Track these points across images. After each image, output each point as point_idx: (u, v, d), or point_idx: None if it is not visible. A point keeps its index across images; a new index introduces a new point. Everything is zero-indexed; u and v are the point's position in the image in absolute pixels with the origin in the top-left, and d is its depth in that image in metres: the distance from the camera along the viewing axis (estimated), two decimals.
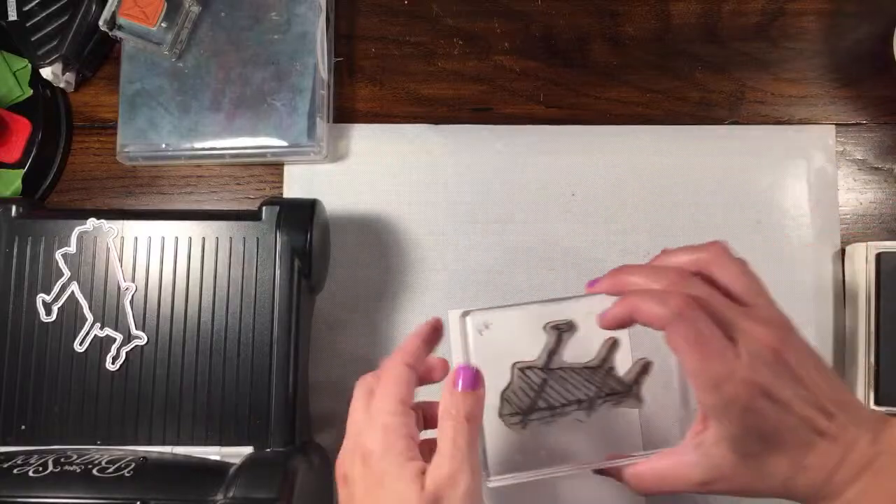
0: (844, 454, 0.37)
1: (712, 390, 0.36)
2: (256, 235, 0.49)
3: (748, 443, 0.37)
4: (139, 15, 0.55)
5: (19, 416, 0.47)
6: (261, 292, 0.48)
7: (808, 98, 0.59)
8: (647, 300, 0.37)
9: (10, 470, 0.43)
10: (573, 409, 0.43)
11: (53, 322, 0.48)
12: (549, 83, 0.59)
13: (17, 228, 0.49)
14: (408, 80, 0.59)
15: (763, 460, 0.37)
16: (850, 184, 0.58)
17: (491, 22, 0.60)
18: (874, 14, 0.59)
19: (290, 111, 0.56)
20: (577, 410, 0.43)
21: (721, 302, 0.38)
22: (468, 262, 0.56)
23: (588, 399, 0.43)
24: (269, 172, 0.58)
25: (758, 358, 0.36)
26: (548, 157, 0.58)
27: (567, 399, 0.43)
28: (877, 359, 0.52)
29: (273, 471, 0.43)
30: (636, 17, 0.60)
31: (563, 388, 0.43)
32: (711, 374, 0.36)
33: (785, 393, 0.36)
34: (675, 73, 0.59)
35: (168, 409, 0.47)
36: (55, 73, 0.56)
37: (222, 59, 0.57)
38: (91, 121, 0.59)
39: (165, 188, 0.58)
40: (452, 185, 0.57)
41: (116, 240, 0.49)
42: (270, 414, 0.47)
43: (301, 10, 0.57)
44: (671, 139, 0.58)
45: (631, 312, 0.38)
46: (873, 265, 0.53)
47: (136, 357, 0.48)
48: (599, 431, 0.44)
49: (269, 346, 0.48)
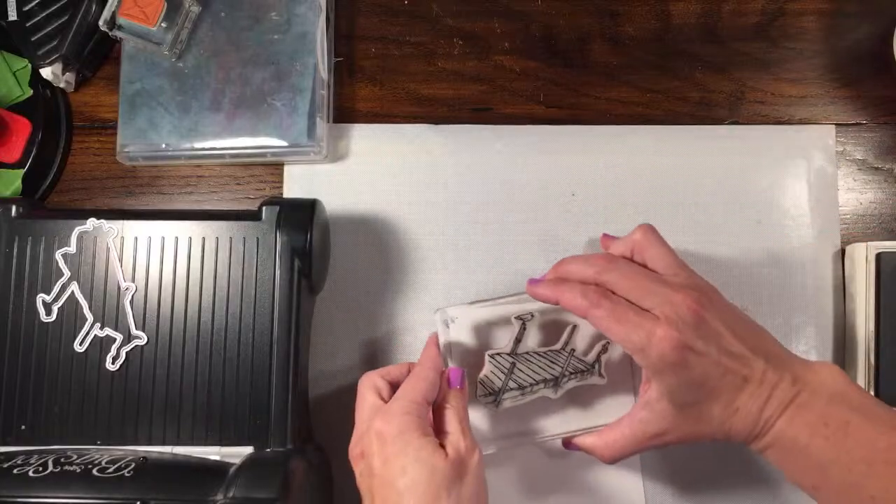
0: (770, 394, 0.42)
1: (641, 353, 0.42)
2: (256, 235, 0.49)
3: (684, 393, 0.43)
4: (139, 15, 0.55)
5: (19, 416, 0.47)
6: (261, 292, 0.48)
7: (808, 98, 0.59)
8: (569, 292, 0.45)
9: (10, 470, 0.43)
10: (541, 387, 0.49)
11: (53, 322, 0.48)
12: (549, 83, 0.59)
13: (17, 228, 0.49)
14: (408, 80, 0.59)
15: (700, 408, 0.43)
16: (850, 184, 0.58)
17: (491, 22, 0.60)
18: (874, 14, 0.59)
19: (290, 111, 0.56)
20: (545, 388, 0.49)
21: (644, 275, 0.45)
22: (468, 262, 0.56)
23: (554, 378, 0.49)
24: (269, 172, 0.58)
25: (678, 319, 0.42)
26: (548, 157, 0.58)
27: (535, 379, 0.49)
28: (877, 359, 0.52)
29: (273, 471, 0.43)
30: (636, 17, 0.60)
31: (530, 370, 0.49)
32: (636, 340, 0.42)
33: (708, 346, 0.42)
34: (675, 73, 0.59)
35: (168, 409, 0.47)
36: (55, 73, 0.56)
37: (222, 59, 0.57)
38: (91, 121, 0.59)
39: (165, 188, 0.58)
40: (452, 185, 0.57)
41: (116, 240, 0.49)
42: (270, 414, 0.47)
43: (301, 10, 0.57)
44: (671, 139, 0.58)
45: (556, 299, 0.46)
46: (873, 265, 0.53)
47: (136, 357, 0.48)
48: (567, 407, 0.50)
49: (269, 346, 0.48)
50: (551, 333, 0.51)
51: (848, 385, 0.43)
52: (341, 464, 0.47)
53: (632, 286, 0.44)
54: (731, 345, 0.43)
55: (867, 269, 0.53)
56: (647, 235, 0.47)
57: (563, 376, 0.49)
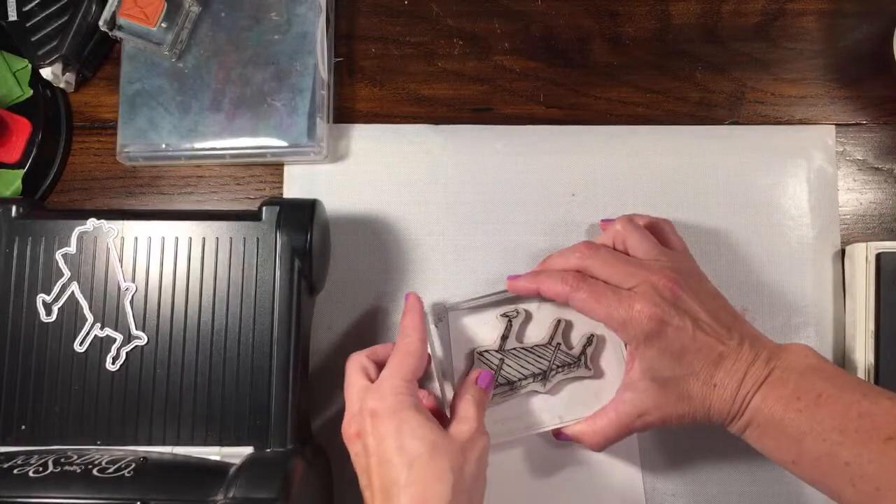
0: (746, 370, 0.44)
1: (622, 328, 0.45)
2: (256, 235, 0.49)
3: (663, 367, 0.45)
4: (139, 15, 0.55)
5: (19, 416, 0.47)
6: (261, 292, 0.48)
7: (808, 98, 0.59)
8: (548, 280, 0.48)
9: (10, 470, 0.43)
10: (529, 381, 0.51)
11: (53, 322, 0.48)
12: (549, 83, 0.59)
13: (17, 228, 0.49)
14: (408, 80, 0.59)
15: (678, 385, 0.45)
16: (850, 184, 0.58)
17: (491, 22, 0.60)
18: (874, 14, 0.59)
19: (290, 111, 0.56)
20: (534, 383, 0.51)
21: (623, 260, 0.47)
22: (468, 262, 0.56)
23: (542, 372, 0.51)
24: (269, 172, 0.58)
25: (655, 295, 0.45)
26: (548, 157, 0.58)
27: (523, 374, 0.51)
28: (877, 359, 0.52)
29: (273, 471, 0.43)
30: (636, 17, 0.60)
31: (518, 365, 0.51)
32: (616, 316, 0.45)
33: (684, 320, 0.45)
34: (675, 73, 0.59)
35: (168, 409, 0.47)
36: (55, 74, 0.56)
37: (222, 59, 0.57)
38: (91, 121, 0.59)
39: (165, 188, 0.58)
40: (452, 185, 0.57)
41: (116, 240, 0.49)
42: (270, 414, 0.47)
43: (301, 10, 0.57)
44: (671, 139, 0.58)
45: (537, 288, 0.48)
46: (873, 265, 0.53)
47: (136, 357, 0.48)
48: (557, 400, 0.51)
49: (269, 346, 0.48)
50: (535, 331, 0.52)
51: (820, 360, 0.44)
52: (341, 464, 0.47)
53: (612, 271, 0.47)
54: (706, 321, 0.45)
55: (867, 269, 0.53)
56: (626, 225, 0.49)
57: (550, 370, 0.51)
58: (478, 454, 0.43)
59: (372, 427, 0.43)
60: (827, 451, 0.41)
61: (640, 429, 0.47)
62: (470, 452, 0.42)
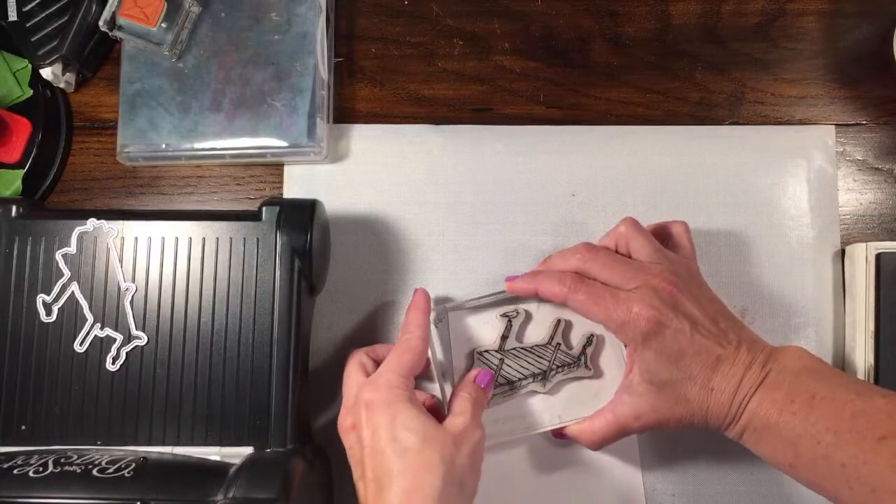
0: (743, 374, 0.44)
1: (620, 329, 0.45)
2: (256, 236, 0.49)
3: (661, 370, 0.45)
4: (139, 15, 0.55)
5: (19, 416, 0.47)
6: (261, 292, 0.48)
7: (808, 98, 0.59)
8: (546, 280, 0.48)
9: (10, 470, 0.43)
10: (529, 381, 0.51)
11: (53, 322, 0.48)
12: (549, 83, 0.59)
13: (17, 229, 0.49)
14: (408, 80, 0.59)
15: (676, 388, 0.45)
16: (850, 184, 0.58)
17: (491, 22, 0.60)
18: (874, 14, 0.59)
19: (290, 111, 0.56)
20: (534, 383, 0.51)
21: (623, 262, 0.47)
22: (468, 262, 0.56)
23: (542, 372, 0.51)
24: (269, 172, 0.58)
25: (654, 297, 0.44)
26: (548, 157, 0.58)
27: (523, 374, 0.51)
28: (876, 359, 0.52)
29: (273, 471, 0.43)
30: (636, 17, 0.60)
31: (518, 365, 0.51)
32: (614, 317, 0.45)
33: (682, 323, 0.44)
34: (675, 73, 0.59)
35: (168, 409, 0.47)
36: (55, 74, 0.56)
37: (222, 60, 0.57)
38: (91, 121, 0.59)
39: (165, 188, 0.58)
40: (452, 186, 0.57)
41: (116, 240, 0.49)
42: (270, 414, 0.47)
43: (301, 10, 0.57)
44: (671, 139, 0.58)
45: (535, 289, 0.48)
46: (873, 265, 0.53)
47: (136, 357, 0.48)
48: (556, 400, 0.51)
49: (269, 346, 0.48)
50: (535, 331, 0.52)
51: (815, 361, 0.44)
52: (341, 464, 0.47)
53: (612, 273, 0.47)
54: (704, 325, 0.45)
55: (867, 269, 0.53)
56: (629, 228, 0.49)
57: (550, 370, 0.51)
58: (471, 447, 0.43)
59: (366, 418, 0.43)
60: (823, 453, 0.41)
61: (637, 431, 0.47)
62: (462, 445, 0.43)
